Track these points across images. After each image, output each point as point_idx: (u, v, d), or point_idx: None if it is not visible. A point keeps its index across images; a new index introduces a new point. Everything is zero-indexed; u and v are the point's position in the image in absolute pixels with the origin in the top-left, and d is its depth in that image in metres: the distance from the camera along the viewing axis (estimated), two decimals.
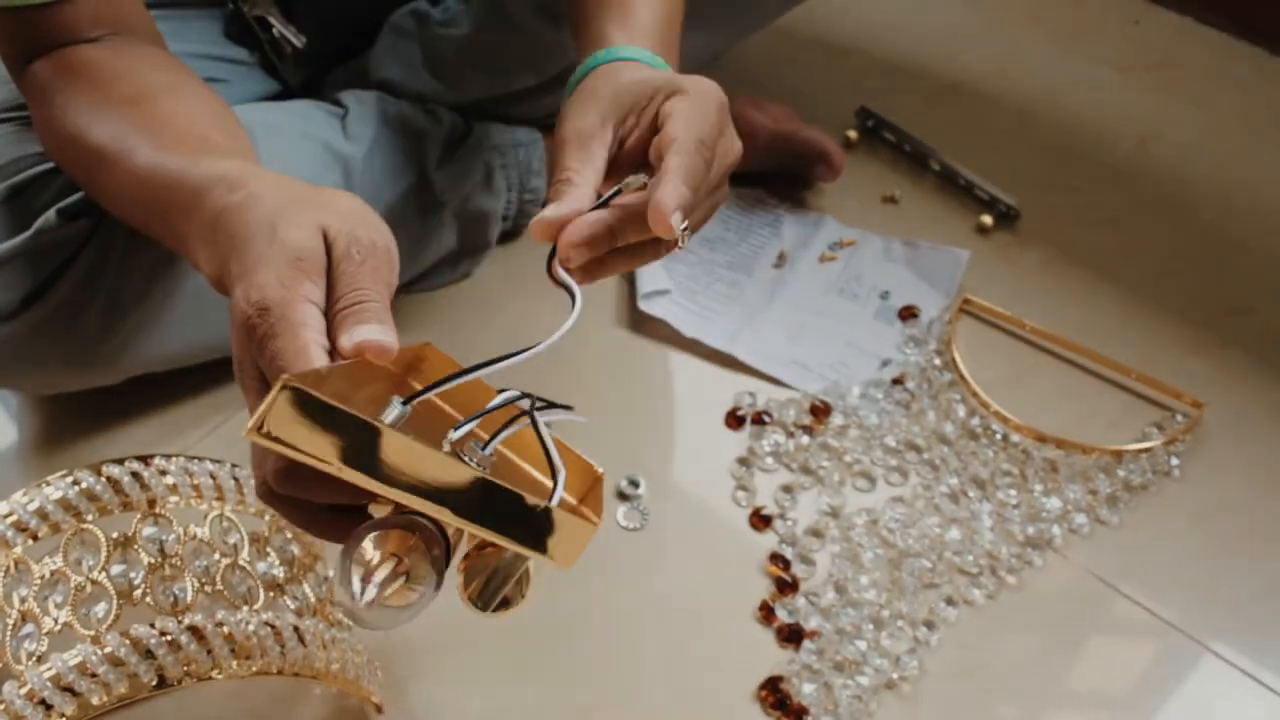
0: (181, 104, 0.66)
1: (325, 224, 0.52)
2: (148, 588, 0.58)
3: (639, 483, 0.87)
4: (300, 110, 0.90)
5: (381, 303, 0.51)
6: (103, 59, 0.68)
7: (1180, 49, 1.32)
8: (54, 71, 0.68)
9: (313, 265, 0.50)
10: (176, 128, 0.63)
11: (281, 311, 0.48)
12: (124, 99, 0.65)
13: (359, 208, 0.54)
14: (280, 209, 0.53)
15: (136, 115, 0.64)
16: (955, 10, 1.36)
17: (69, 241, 0.76)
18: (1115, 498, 0.88)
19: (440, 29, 0.96)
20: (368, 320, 0.49)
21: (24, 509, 0.60)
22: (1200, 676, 0.78)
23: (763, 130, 1.06)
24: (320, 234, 0.51)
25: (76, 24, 0.68)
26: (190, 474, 0.64)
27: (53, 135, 0.69)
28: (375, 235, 0.52)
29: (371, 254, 0.51)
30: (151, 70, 0.69)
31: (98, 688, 0.53)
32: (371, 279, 0.51)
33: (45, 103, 0.69)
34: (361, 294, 0.50)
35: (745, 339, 0.98)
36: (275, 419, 0.41)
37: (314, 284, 0.50)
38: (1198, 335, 1.01)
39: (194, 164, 0.59)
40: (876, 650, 0.78)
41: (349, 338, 0.49)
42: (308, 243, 0.51)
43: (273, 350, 0.48)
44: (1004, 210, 1.10)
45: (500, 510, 0.46)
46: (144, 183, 0.61)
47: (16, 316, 0.76)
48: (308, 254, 0.50)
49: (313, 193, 0.55)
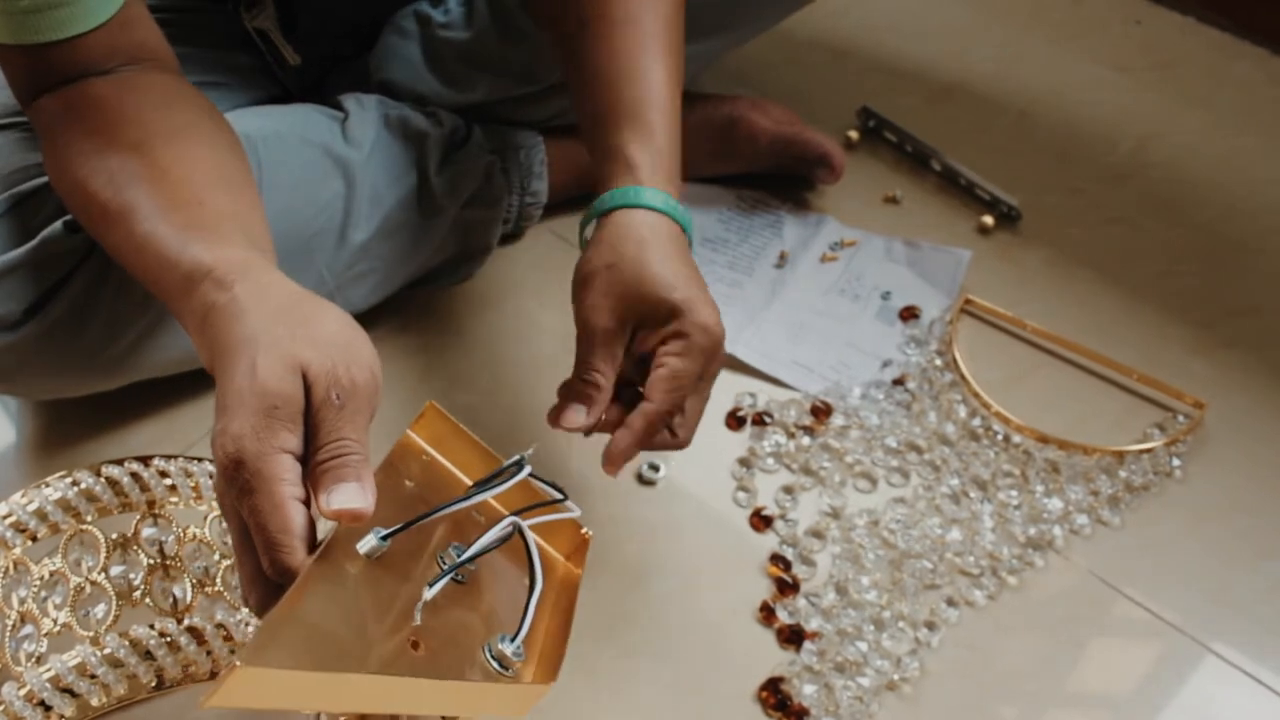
0: (185, 152, 0.65)
1: (306, 363, 0.52)
2: (147, 589, 0.58)
3: (659, 466, 0.89)
4: (300, 115, 0.90)
5: (361, 453, 0.51)
6: (109, 97, 0.67)
7: (1182, 49, 1.32)
8: (60, 110, 0.67)
9: (289, 412, 0.51)
10: (173, 188, 0.62)
11: (256, 466, 0.49)
12: (128, 145, 0.65)
13: (344, 334, 0.54)
14: (260, 333, 0.53)
15: (136, 168, 0.63)
16: (956, 10, 1.36)
17: (72, 252, 0.76)
18: (1117, 498, 0.88)
19: (442, 31, 0.96)
20: (347, 479, 0.50)
21: (23, 510, 0.60)
22: (1202, 677, 0.78)
23: (764, 132, 1.06)
24: (299, 376, 0.51)
25: (91, 58, 0.67)
26: (190, 475, 0.64)
27: (59, 174, 0.69)
28: (356, 371, 0.52)
29: (352, 396, 0.52)
30: (158, 110, 0.67)
31: (97, 689, 0.53)
32: (351, 425, 0.51)
33: (51, 141, 0.68)
34: (341, 445, 0.51)
35: (746, 339, 0.97)
36: (226, 696, 0.44)
37: (290, 432, 0.51)
38: (1199, 335, 1.00)
39: (184, 245, 0.59)
40: (877, 651, 0.78)
41: (327, 500, 0.50)
42: (285, 389, 0.51)
43: (250, 505, 0.49)
44: (1005, 210, 1.10)
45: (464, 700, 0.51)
46: (138, 250, 0.61)
47: (20, 326, 0.76)
48: (284, 401, 0.50)
49: (296, 309, 0.55)
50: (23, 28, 0.64)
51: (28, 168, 0.77)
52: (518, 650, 0.53)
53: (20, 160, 0.77)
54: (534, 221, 1.04)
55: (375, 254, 0.91)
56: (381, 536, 0.52)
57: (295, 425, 0.51)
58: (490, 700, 0.53)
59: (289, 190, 0.85)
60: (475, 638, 0.54)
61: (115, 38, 0.67)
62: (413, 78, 0.97)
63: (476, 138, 0.97)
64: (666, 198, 0.71)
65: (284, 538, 0.49)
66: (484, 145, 0.97)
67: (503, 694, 0.52)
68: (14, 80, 0.70)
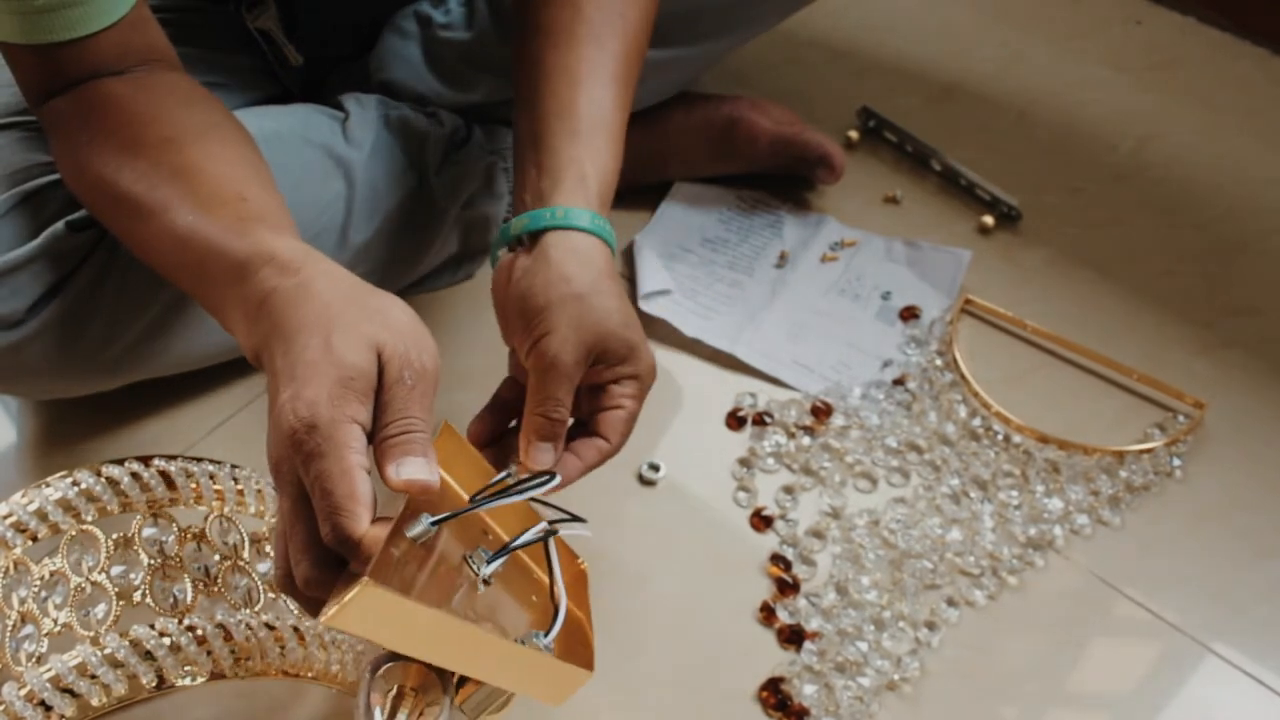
0: (214, 152, 0.65)
1: (381, 342, 0.53)
2: (147, 589, 0.58)
3: (659, 466, 0.89)
4: (301, 115, 0.90)
5: (426, 432, 0.53)
6: (127, 95, 0.67)
7: (1182, 49, 1.32)
8: (76, 108, 0.67)
9: (363, 385, 0.52)
10: (212, 183, 0.63)
11: (329, 432, 0.51)
12: (156, 143, 0.64)
13: (412, 323, 0.56)
14: (335, 313, 0.54)
15: (170, 164, 0.63)
16: (956, 10, 1.36)
17: (75, 251, 0.76)
18: (1117, 498, 0.88)
19: (442, 32, 0.96)
20: (415, 454, 0.52)
21: (23, 510, 0.60)
22: (1202, 677, 0.78)
23: (764, 133, 1.06)
24: (375, 353, 0.53)
25: (103, 58, 0.67)
26: (190, 475, 0.64)
27: (76, 174, 0.69)
28: (425, 358, 0.54)
29: (421, 379, 0.54)
30: (180, 109, 0.67)
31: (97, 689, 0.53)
32: (419, 405, 0.53)
33: (68, 140, 0.68)
34: (410, 423, 0.52)
35: (746, 339, 0.97)
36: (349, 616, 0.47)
37: (362, 405, 0.52)
38: (1199, 335, 1.00)
39: (238, 234, 0.59)
40: (878, 651, 0.78)
41: (396, 471, 0.51)
42: (361, 363, 0.52)
43: (318, 470, 0.50)
44: (1005, 210, 1.10)
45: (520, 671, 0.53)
46: (181, 243, 0.62)
47: (22, 324, 0.76)
48: (360, 374, 0.52)
49: (366, 297, 0.56)
50: (36, 27, 0.64)
51: (31, 167, 0.77)
52: (548, 646, 0.55)
53: (24, 159, 0.77)
54: None
55: (376, 254, 0.91)
56: (432, 522, 0.53)
57: (367, 399, 0.52)
58: (545, 677, 0.54)
59: (290, 191, 0.84)
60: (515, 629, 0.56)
61: (126, 38, 0.68)
62: (413, 78, 0.97)
63: (477, 138, 0.97)
64: (606, 223, 0.70)
65: (349, 503, 0.50)
66: (484, 145, 0.97)
67: (557, 673, 0.54)
68: (25, 82, 0.70)
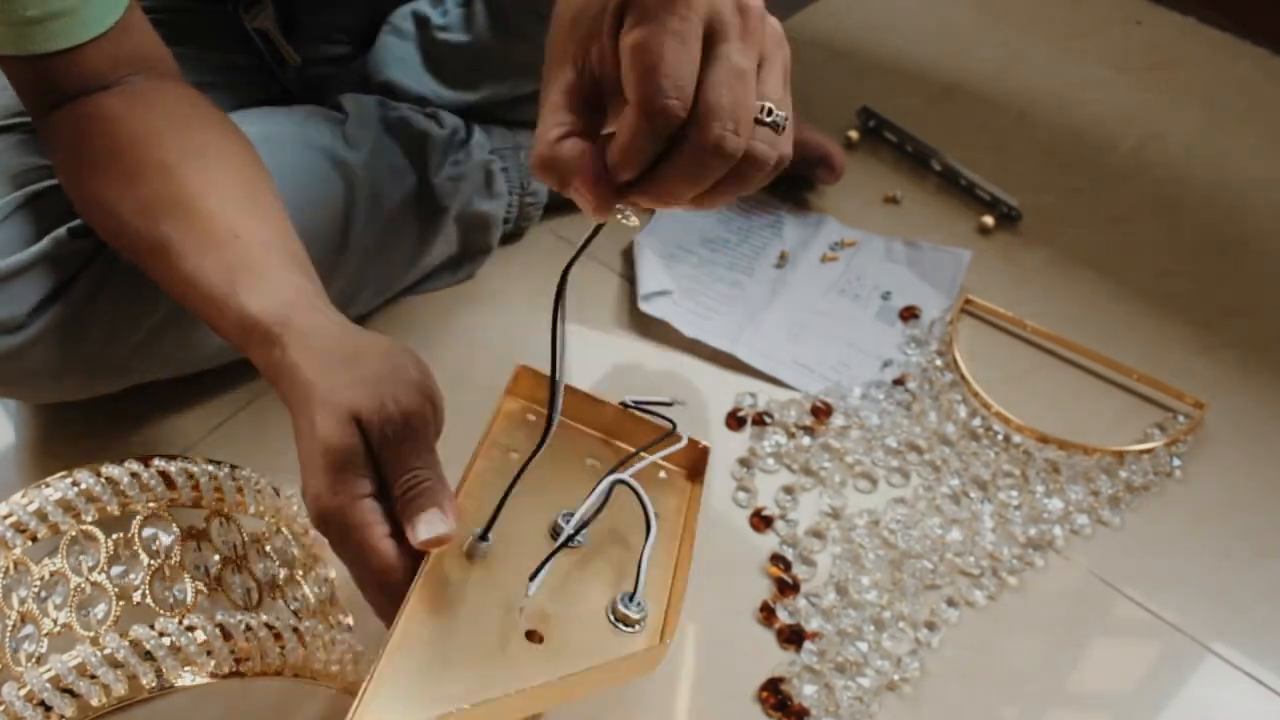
0: (212, 177, 0.66)
1: (357, 409, 0.54)
2: (147, 589, 0.58)
3: None
4: (300, 117, 0.90)
5: (430, 477, 0.53)
6: (124, 113, 0.67)
7: (1182, 49, 1.32)
8: (74, 127, 0.67)
9: (355, 460, 0.53)
10: (207, 221, 0.63)
11: (340, 519, 0.53)
12: (154, 170, 0.65)
13: (387, 363, 0.56)
14: (312, 391, 0.55)
15: (167, 198, 0.64)
16: (956, 10, 1.36)
17: (77, 255, 0.76)
18: (1117, 498, 0.88)
19: (440, 33, 0.96)
20: (426, 507, 0.52)
21: (23, 510, 0.59)
22: (1202, 678, 0.78)
23: None
24: (353, 424, 0.54)
25: (96, 69, 0.67)
26: (190, 475, 0.63)
27: (78, 198, 0.69)
28: (405, 399, 0.54)
29: (406, 428, 0.54)
30: (176, 130, 0.68)
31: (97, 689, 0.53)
32: (414, 454, 0.53)
33: (70, 163, 0.69)
34: (411, 478, 0.53)
35: (746, 339, 0.97)
36: None
37: (362, 478, 0.53)
38: (1199, 335, 1.00)
39: (229, 293, 0.60)
40: (878, 651, 0.78)
41: (414, 535, 0.52)
42: (345, 440, 0.53)
43: (346, 554, 0.53)
44: (1005, 211, 1.10)
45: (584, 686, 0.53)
46: (184, 290, 0.64)
47: (23, 328, 0.76)
48: (346, 450, 0.53)
49: (340, 351, 0.57)
50: (26, 39, 0.64)
51: (32, 170, 0.77)
52: (639, 605, 0.54)
53: (26, 162, 0.77)
54: (534, 221, 1.04)
55: (376, 255, 0.91)
56: (480, 535, 0.54)
57: (365, 470, 0.54)
58: (617, 672, 0.53)
59: (290, 192, 0.84)
60: (597, 602, 0.55)
61: (118, 46, 0.67)
62: (411, 79, 0.97)
63: (476, 138, 0.97)
64: None
65: (385, 575, 0.52)
66: (484, 145, 0.97)
67: (626, 664, 0.53)
68: (24, 96, 0.70)
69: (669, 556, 0.60)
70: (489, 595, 0.53)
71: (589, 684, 0.52)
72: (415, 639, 0.50)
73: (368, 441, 0.54)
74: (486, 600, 0.53)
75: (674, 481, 0.66)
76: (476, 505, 0.57)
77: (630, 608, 0.54)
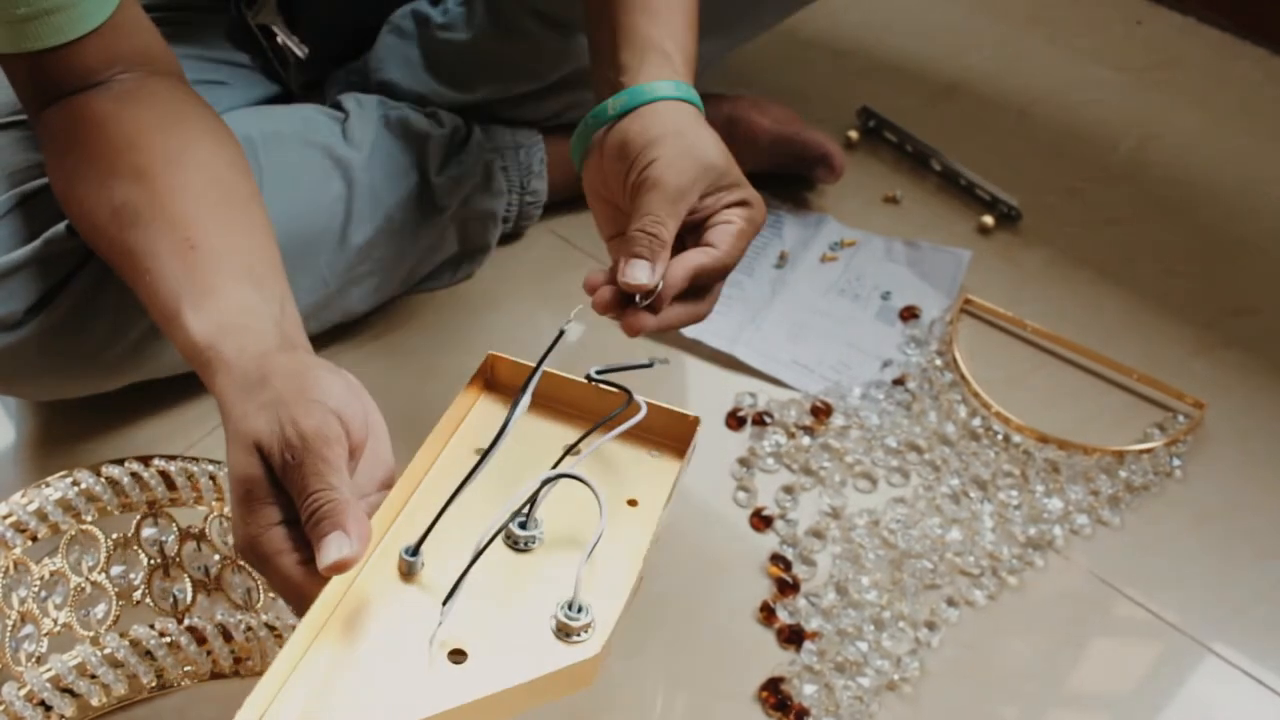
0: (182, 181, 0.65)
1: (256, 437, 0.52)
2: (147, 589, 0.58)
3: None
4: (300, 116, 0.90)
5: (332, 499, 0.50)
6: (110, 115, 0.67)
7: (1182, 49, 1.32)
8: (63, 126, 0.67)
9: (259, 491, 0.52)
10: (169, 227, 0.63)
11: (253, 550, 0.52)
12: (129, 174, 0.65)
13: (294, 387, 0.54)
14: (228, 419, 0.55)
15: (136, 202, 0.64)
16: (956, 10, 1.36)
17: (75, 252, 0.76)
18: (1117, 498, 0.88)
19: (440, 33, 0.96)
20: (327, 532, 0.49)
21: (23, 510, 0.60)
22: (1202, 677, 0.78)
23: (764, 132, 1.06)
24: (254, 452, 0.52)
25: (90, 65, 0.67)
26: (190, 475, 0.63)
27: (63, 197, 0.69)
28: (304, 421, 0.52)
29: (306, 450, 0.52)
30: (157, 131, 0.67)
31: (97, 689, 0.53)
32: (315, 477, 0.51)
33: (58, 160, 0.69)
34: (312, 500, 0.51)
35: (746, 339, 0.97)
36: None
37: (269, 506, 0.52)
38: (1199, 335, 1.00)
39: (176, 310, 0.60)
40: (878, 651, 0.78)
41: (319, 561, 0.49)
42: (248, 470, 0.52)
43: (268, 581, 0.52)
44: (1005, 210, 1.10)
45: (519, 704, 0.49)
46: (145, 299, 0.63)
47: (22, 325, 0.76)
48: (250, 482, 0.52)
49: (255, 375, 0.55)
50: (20, 35, 0.64)
51: (30, 167, 0.77)
52: (582, 611, 0.50)
53: (24, 159, 0.77)
54: (534, 221, 1.04)
55: (376, 254, 0.91)
56: (409, 552, 0.51)
57: (271, 498, 0.52)
58: (544, 689, 0.49)
59: (289, 191, 0.85)
60: (542, 610, 0.51)
61: (112, 43, 0.67)
62: (412, 78, 0.97)
63: (476, 137, 0.97)
64: (694, 91, 0.71)
65: (301, 603, 0.50)
66: (484, 145, 0.97)
67: (552, 680, 0.49)
68: (21, 94, 0.70)
69: (637, 551, 0.54)
70: (417, 616, 0.50)
71: (512, 703, 0.48)
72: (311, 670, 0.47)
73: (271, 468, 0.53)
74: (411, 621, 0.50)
75: (663, 461, 0.60)
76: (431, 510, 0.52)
77: (571, 616, 0.50)
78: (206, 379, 0.58)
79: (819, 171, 1.07)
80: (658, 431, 0.59)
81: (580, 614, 0.50)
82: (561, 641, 0.50)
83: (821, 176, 1.08)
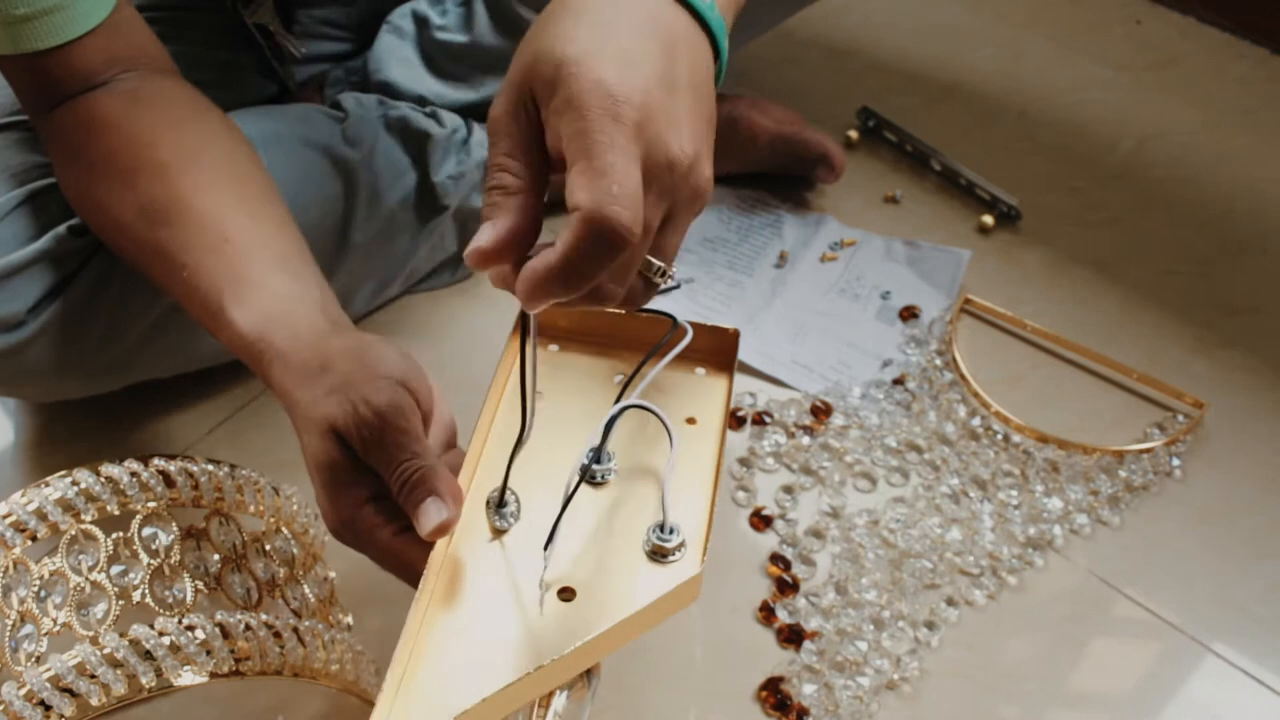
0: (205, 178, 0.66)
1: (332, 421, 0.54)
2: (147, 589, 0.58)
3: None
4: (300, 116, 0.90)
5: (420, 466, 0.53)
6: (120, 116, 0.67)
7: (1182, 49, 1.32)
8: (72, 128, 0.68)
9: (344, 474, 0.54)
10: (198, 226, 0.64)
11: (349, 530, 0.54)
12: (150, 172, 0.65)
13: (358, 366, 0.56)
14: (295, 410, 0.56)
15: (162, 200, 0.64)
16: (956, 10, 1.36)
17: (77, 253, 0.76)
18: (1117, 498, 0.88)
19: (439, 33, 0.96)
20: (422, 499, 0.52)
21: (23, 509, 0.59)
22: (1202, 677, 0.78)
23: (764, 132, 1.06)
24: (332, 437, 0.54)
25: (90, 65, 0.67)
26: (190, 475, 0.63)
27: (77, 199, 0.70)
28: (374, 397, 0.54)
29: (383, 425, 0.53)
30: (170, 128, 0.68)
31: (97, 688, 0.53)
32: (397, 448, 0.53)
33: (67, 160, 0.69)
34: (401, 471, 0.53)
35: (746, 339, 0.97)
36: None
37: (356, 485, 0.54)
38: (1199, 335, 1.00)
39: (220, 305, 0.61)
40: (877, 651, 0.78)
41: (420, 528, 0.51)
42: (330, 456, 0.54)
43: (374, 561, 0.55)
44: (1005, 210, 1.10)
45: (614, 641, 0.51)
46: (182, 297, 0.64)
47: (22, 325, 0.76)
48: (334, 466, 0.54)
49: (314, 362, 0.56)
50: (20, 36, 0.64)
51: (32, 167, 0.77)
52: (673, 533, 0.52)
53: (26, 160, 0.77)
54: None
55: (376, 255, 0.91)
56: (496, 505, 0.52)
57: (356, 477, 0.54)
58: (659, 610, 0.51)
59: (289, 192, 0.84)
60: (634, 538, 0.53)
61: (112, 43, 0.68)
62: (411, 78, 0.97)
63: (477, 137, 0.97)
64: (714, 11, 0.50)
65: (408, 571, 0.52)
66: (484, 144, 0.97)
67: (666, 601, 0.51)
68: (22, 96, 0.70)
69: (708, 465, 0.56)
70: (517, 563, 0.52)
71: (629, 630, 0.50)
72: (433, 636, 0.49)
73: (351, 448, 0.55)
74: (513, 570, 0.52)
75: (709, 379, 0.61)
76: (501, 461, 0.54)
77: (664, 538, 0.52)
78: (260, 371, 0.59)
79: (819, 171, 1.07)
80: (700, 349, 0.61)
81: (672, 535, 0.52)
82: (658, 564, 0.52)
83: (821, 176, 1.08)
